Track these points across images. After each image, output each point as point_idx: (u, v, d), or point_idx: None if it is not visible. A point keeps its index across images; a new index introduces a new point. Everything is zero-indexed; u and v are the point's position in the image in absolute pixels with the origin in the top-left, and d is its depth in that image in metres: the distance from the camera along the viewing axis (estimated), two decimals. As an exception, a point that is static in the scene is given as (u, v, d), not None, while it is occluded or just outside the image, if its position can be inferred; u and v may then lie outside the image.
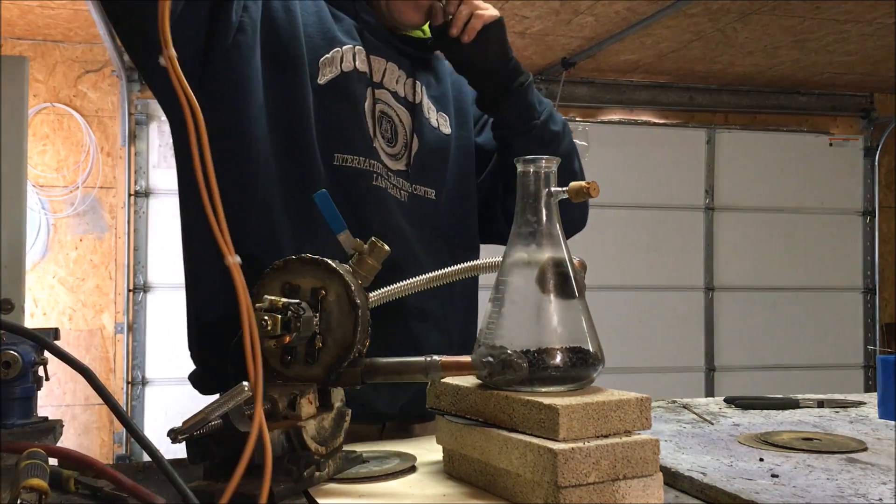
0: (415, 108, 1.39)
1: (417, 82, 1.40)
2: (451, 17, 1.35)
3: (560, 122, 1.47)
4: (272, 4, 1.27)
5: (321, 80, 1.28)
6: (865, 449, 1.11)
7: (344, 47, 1.31)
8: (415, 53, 1.43)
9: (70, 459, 0.83)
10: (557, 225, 0.96)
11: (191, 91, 0.74)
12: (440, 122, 1.43)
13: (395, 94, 1.37)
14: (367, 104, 1.31)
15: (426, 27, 1.43)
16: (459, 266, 1.11)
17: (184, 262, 1.31)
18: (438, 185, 1.39)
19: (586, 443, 0.81)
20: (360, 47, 1.33)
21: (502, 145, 1.45)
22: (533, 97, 1.43)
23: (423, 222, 1.36)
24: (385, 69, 1.36)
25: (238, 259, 0.70)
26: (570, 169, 1.45)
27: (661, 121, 6.04)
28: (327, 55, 1.29)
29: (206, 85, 1.20)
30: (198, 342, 1.30)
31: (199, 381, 1.32)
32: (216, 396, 1.31)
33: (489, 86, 1.40)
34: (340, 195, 1.26)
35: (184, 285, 1.31)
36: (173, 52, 0.76)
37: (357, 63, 1.32)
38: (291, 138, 1.25)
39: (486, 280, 1.03)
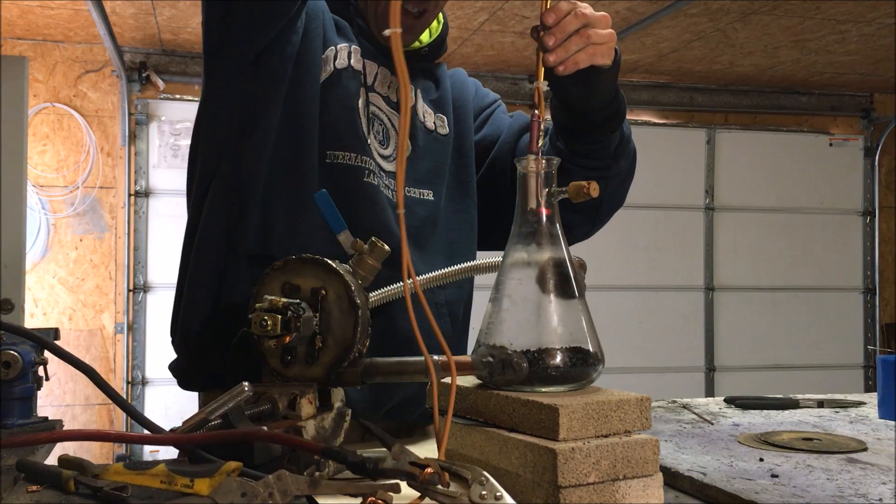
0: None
1: (410, 86, 1.39)
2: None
3: (630, 155, 1.38)
4: None
5: (321, 80, 1.29)
6: (865, 449, 1.11)
7: (338, 45, 1.32)
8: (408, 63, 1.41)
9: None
10: (557, 225, 0.96)
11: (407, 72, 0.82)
12: (437, 123, 1.43)
13: (386, 99, 1.36)
14: (360, 102, 1.31)
15: (424, 36, 1.42)
16: (459, 266, 1.11)
17: (183, 254, 1.31)
18: (437, 187, 1.38)
19: (586, 443, 0.81)
20: (356, 47, 1.34)
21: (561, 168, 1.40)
22: (615, 136, 1.32)
23: (420, 225, 1.35)
24: (377, 73, 1.36)
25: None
26: (619, 195, 1.41)
27: (661, 121, 6.04)
28: (323, 55, 1.30)
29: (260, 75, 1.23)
30: (188, 333, 1.28)
31: (183, 373, 1.31)
32: (195, 395, 1.31)
33: (575, 119, 1.29)
34: (332, 192, 1.26)
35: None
36: (399, 30, 0.84)
37: (352, 61, 1.32)
38: (294, 139, 1.26)
39: (486, 280, 1.03)
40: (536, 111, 1.03)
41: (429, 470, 0.72)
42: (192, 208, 1.31)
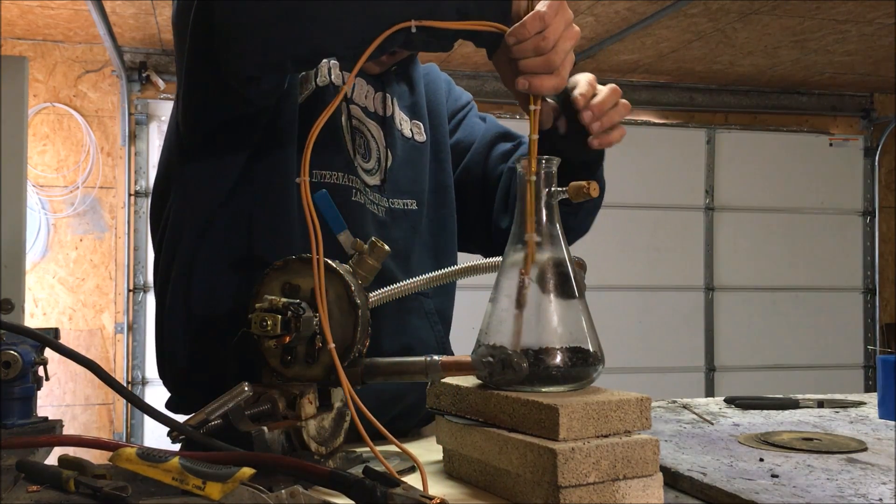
0: (386, 122, 1.36)
1: (387, 95, 1.37)
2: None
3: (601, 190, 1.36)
4: None
5: (300, 100, 1.26)
6: (865, 449, 1.11)
7: None
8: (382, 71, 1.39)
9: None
10: (557, 225, 0.96)
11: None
12: (414, 130, 1.41)
13: (364, 109, 1.34)
14: (343, 119, 1.30)
15: None
16: (459, 266, 1.11)
17: (163, 284, 1.30)
18: (419, 196, 1.37)
19: (586, 443, 0.81)
20: (335, 61, 1.31)
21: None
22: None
23: (405, 236, 1.34)
24: (354, 84, 1.34)
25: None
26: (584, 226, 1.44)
27: (661, 121, 6.03)
28: (302, 73, 1.28)
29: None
30: (176, 374, 1.28)
31: (178, 409, 1.30)
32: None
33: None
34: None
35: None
36: (307, 178, 0.96)
37: (332, 77, 1.30)
38: (273, 162, 1.23)
39: (486, 280, 1.03)
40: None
41: (437, 499, 0.72)
42: (165, 247, 1.29)
